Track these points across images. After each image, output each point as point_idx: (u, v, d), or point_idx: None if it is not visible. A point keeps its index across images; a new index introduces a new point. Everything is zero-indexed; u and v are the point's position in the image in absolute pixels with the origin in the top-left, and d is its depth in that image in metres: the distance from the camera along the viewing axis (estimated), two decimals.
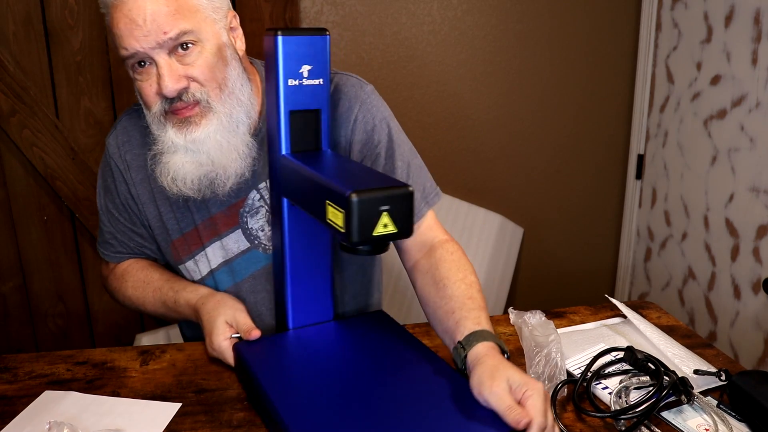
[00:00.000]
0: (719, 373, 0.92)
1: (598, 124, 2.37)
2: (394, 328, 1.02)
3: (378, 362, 0.91)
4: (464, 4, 2.14)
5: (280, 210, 0.94)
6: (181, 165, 0.98)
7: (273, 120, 0.92)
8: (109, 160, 1.14)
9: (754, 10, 1.79)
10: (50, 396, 0.94)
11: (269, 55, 0.89)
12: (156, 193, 1.11)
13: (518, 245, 2.34)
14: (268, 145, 0.95)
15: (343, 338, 0.99)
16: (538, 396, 0.77)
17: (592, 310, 1.23)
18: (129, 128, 1.13)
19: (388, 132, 1.09)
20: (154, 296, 1.13)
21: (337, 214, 0.73)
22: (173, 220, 1.12)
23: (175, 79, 0.93)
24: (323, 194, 0.76)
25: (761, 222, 1.81)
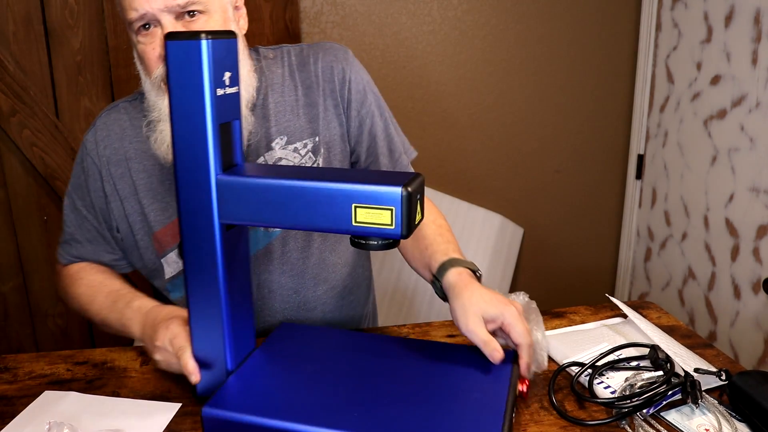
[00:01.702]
0: (719, 372, 0.92)
1: (599, 124, 2.37)
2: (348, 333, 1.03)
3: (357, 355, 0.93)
4: (464, 4, 2.14)
5: (211, 239, 0.81)
6: None
7: (195, 137, 0.78)
8: (85, 158, 1.13)
9: (754, 10, 1.79)
10: (50, 396, 0.94)
11: (181, 63, 0.76)
12: (138, 185, 1.11)
13: (518, 245, 2.35)
14: (178, 165, 0.80)
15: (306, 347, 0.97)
16: (516, 322, 0.89)
17: (593, 309, 1.23)
18: (109, 123, 1.13)
19: (375, 94, 1.19)
20: (107, 296, 1.07)
21: (381, 213, 0.76)
22: (156, 211, 1.11)
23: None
24: (346, 200, 0.76)
25: (761, 222, 1.81)
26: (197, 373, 0.86)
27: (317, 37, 2.06)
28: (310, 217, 0.77)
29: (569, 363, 1.00)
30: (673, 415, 0.88)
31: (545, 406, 0.91)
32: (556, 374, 0.96)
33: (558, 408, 0.89)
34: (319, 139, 1.13)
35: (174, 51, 0.75)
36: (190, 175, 0.79)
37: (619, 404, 0.86)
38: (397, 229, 0.76)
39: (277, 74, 1.13)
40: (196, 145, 0.78)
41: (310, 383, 0.85)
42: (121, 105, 1.14)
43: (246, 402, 0.80)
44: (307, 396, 0.82)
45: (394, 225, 0.76)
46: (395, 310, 2.13)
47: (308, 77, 1.13)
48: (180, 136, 0.78)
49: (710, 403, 0.88)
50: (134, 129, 1.11)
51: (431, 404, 0.82)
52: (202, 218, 0.80)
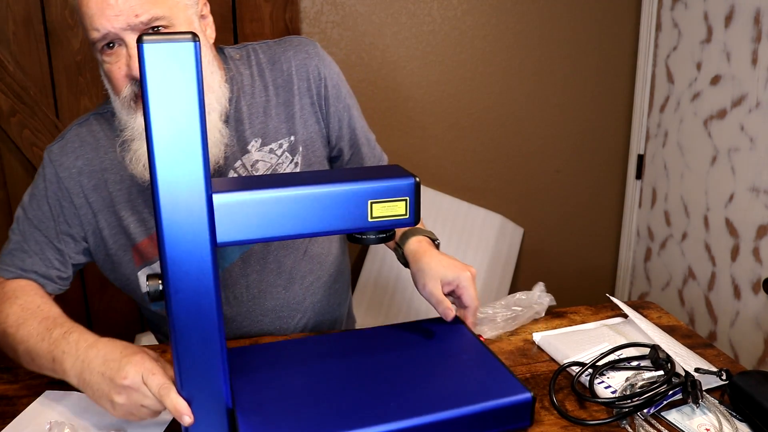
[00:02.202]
0: (720, 372, 0.92)
1: (599, 124, 2.37)
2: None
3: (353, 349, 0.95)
4: (464, 4, 2.14)
5: (207, 265, 0.72)
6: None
7: (186, 152, 0.68)
8: (48, 167, 1.07)
9: (754, 10, 1.79)
10: (51, 396, 0.94)
11: (164, 68, 0.66)
12: (115, 197, 1.07)
13: (518, 245, 2.35)
14: (161, 183, 0.69)
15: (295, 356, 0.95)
16: (469, 285, 1.01)
17: (593, 309, 1.23)
18: (82, 134, 1.08)
19: (346, 86, 1.18)
20: (42, 323, 0.93)
21: (396, 205, 0.78)
22: (136, 222, 1.08)
23: None
24: (363, 197, 0.76)
25: (761, 222, 1.81)
26: (190, 412, 0.76)
27: (317, 38, 2.06)
28: (327, 221, 0.76)
29: (570, 363, 1.00)
30: (674, 415, 0.88)
31: (546, 406, 0.91)
32: (556, 374, 0.96)
33: (559, 408, 0.89)
34: (296, 139, 1.12)
35: (155, 54, 0.64)
36: (181, 198, 0.69)
37: (620, 404, 0.86)
38: (410, 217, 0.80)
39: (246, 75, 1.11)
40: (188, 162, 0.68)
41: (319, 393, 0.84)
42: (92, 117, 1.10)
43: (279, 428, 0.77)
44: (330, 405, 0.81)
45: (408, 214, 0.80)
46: (395, 310, 2.14)
47: (280, 76, 1.12)
48: (165, 151, 0.67)
49: (711, 403, 0.88)
50: (108, 140, 1.07)
51: (440, 377, 0.87)
52: (193, 243, 0.70)
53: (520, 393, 0.83)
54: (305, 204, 0.74)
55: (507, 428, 0.83)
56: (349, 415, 0.78)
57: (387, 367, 0.89)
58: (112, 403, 0.82)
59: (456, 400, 0.81)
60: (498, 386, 0.85)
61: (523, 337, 1.12)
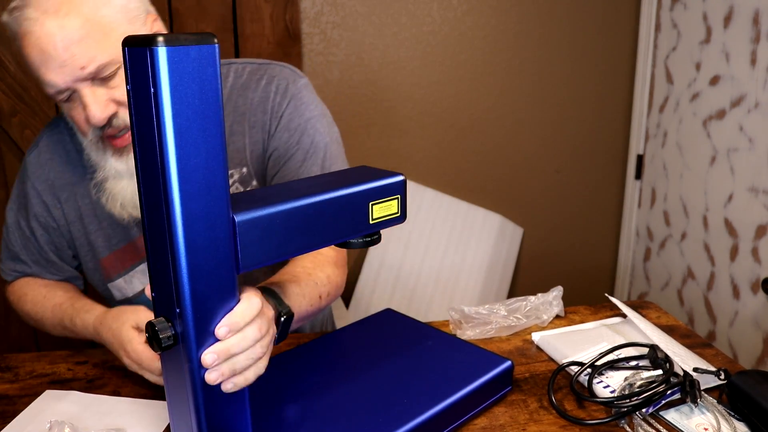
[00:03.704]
0: (718, 372, 0.92)
1: (598, 124, 2.37)
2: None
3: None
4: (464, 4, 2.14)
5: (230, 292, 0.64)
6: (130, 190, 0.95)
7: (208, 172, 0.60)
8: (26, 181, 1.08)
9: (753, 11, 1.80)
10: (51, 395, 0.95)
11: (180, 76, 0.56)
12: (83, 210, 1.07)
13: (518, 245, 2.35)
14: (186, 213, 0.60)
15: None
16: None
17: (592, 309, 1.23)
18: (52, 145, 1.08)
19: (313, 135, 1.04)
20: (54, 313, 1.04)
21: (390, 205, 0.78)
22: (101, 238, 1.07)
23: (102, 107, 0.89)
24: (364, 201, 0.74)
25: (760, 222, 1.81)
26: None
27: (317, 38, 2.06)
28: (332, 230, 0.71)
29: (569, 362, 1.00)
30: (672, 415, 0.88)
31: (545, 406, 0.91)
32: (555, 374, 0.96)
33: (557, 407, 0.90)
34: (248, 171, 1.05)
35: (170, 61, 0.55)
36: (201, 227, 0.60)
37: (619, 403, 0.86)
38: (402, 215, 0.79)
39: None
40: (211, 185, 0.60)
41: (321, 403, 0.84)
42: (63, 126, 1.08)
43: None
44: (339, 413, 0.81)
45: (400, 212, 0.79)
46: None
47: (244, 103, 1.04)
48: (190, 178, 0.58)
49: (709, 403, 0.89)
50: (77, 153, 1.05)
51: (423, 370, 0.89)
52: (215, 276, 0.62)
53: (501, 363, 0.91)
54: (313, 215, 0.68)
55: (492, 399, 0.90)
56: (366, 428, 0.78)
57: (370, 373, 0.89)
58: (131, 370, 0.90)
59: (449, 388, 0.84)
60: (478, 362, 0.91)
61: (522, 337, 1.12)
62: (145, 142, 0.59)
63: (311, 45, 2.07)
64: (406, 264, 2.18)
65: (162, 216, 0.59)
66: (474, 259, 2.21)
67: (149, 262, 0.64)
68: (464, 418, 0.86)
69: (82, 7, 0.85)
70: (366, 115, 2.15)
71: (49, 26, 0.85)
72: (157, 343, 0.62)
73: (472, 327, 1.12)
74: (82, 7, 0.85)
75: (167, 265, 0.60)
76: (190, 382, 0.64)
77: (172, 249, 0.59)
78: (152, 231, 0.62)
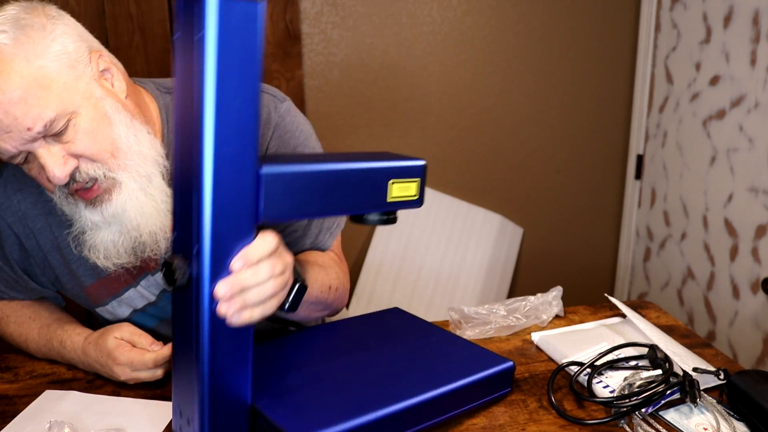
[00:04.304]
0: (718, 372, 0.92)
1: (598, 124, 2.37)
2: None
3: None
4: (464, 4, 2.14)
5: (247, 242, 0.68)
6: (110, 240, 0.90)
7: (241, 124, 0.64)
8: None
9: (753, 11, 1.80)
10: (51, 395, 0.95)
11: (233, 30, 0.61)
12: (61, 240, 1.00)
13: (518, 245, 2.35)
14: (217, 159, 0.64)
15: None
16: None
17: (592, 309, 1.23)
18: (18, 175, 0.99)
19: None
20: (40, 335, 1.01)
21: (410, 186, 0.80)
22: (85, 267, 1.01)
23: (60, 164, 0.82)
24: (384, 178, 0.77)
25: (760, 222, 1.81)
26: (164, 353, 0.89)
27: (317, 38, 2.07)
28: (350, 200, 0.74)
29: (568, 362, 1.00)
30: (672, 415, 0.88)
31: (544, 406, 0.91)
32: (555, 374, 0.97)
33: (557, 407, 0.90)
34: None
35: (226, 12, 0.60)
36: (228, 171, 0.64)
37: (618, 403, 0.86)
38: (419, 199, 0.81)
39: None
40: (243, 134, 0.64)
41: (324, 385, 0.84)
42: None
43: (315, 416, 0.75)
44: (342, 390, 0.82)
45: (418, 195, 0.81)
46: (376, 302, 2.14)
47: None
48: (224, 123, 0.62)
49: (709, 403, 0.89)
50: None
51: (427, 359, 0.91)
52: (236, 221, 0.66)
53: (502, 363, 0.91)
54: (334, 181, 0.72)
55: (491, 397, 0.91)
56: (364, 401, 0.79)
57: (374, 357, 0.92)
58: (126, 381, 0.93)
59: (449, 377, 0.86)
60: (481, 360, 0.92)
61: (522, 337, 1.12)
62: (185, 84, 0.63)
63: (311, 45, 2.07)
64: (406, 264, 2.18)
65: (193, 156, 0.63)
66: (474, 259, 2.21)
67: (174, 201, 0.69)
68: (461, 409, 0.86)
69: (13, 65, 0.78)
70: (366, 115, 2.15)
71: None
72: (172, 278, 0.66)
73: (472, 327, 1.12)
74: (14, 65, 0.78)
75: (190, 204, 0.65)
76: (198, 321, 0.66)
77: (199, 188, 0.63)
78: (182, 170, 0.67)
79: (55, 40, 0.82)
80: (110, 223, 0.89)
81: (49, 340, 1.01)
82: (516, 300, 1.17)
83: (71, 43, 0.83)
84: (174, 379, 0.75)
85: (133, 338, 0.94)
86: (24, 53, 0.79)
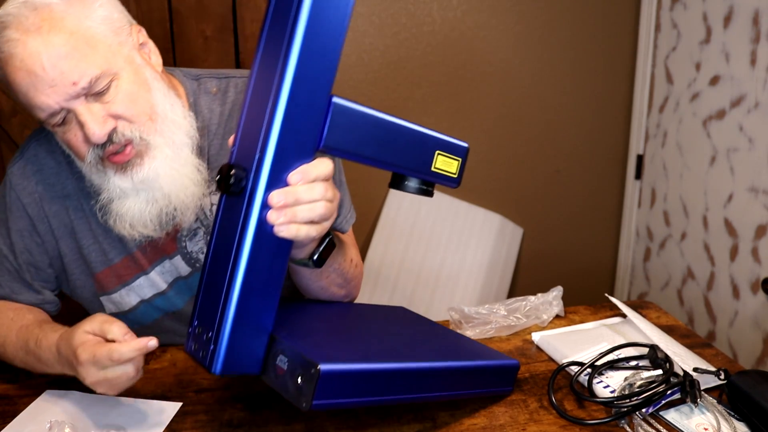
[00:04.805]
0: (718, 372, 0.92)
1: (598, 124, 2.37)
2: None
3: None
4: (464, 4, 2.14)
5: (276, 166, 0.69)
6: (137, 208, 0.91)
7: (326, 50, 0.70)
8: (9, 193, 1.01)
9: (753, 11, 1.80)
10: (51, 395, 0.94)
11: None
12: (76, 224, 1.01)
13: (518, 245, 2.35)
14: (295, 82, 0.69)
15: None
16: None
17: (592, 309, 1.23)
18: (40, 155, 1.01)
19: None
20: (18, 336, 0.95)
21: (452, 163, 0.84)
22: (97, 252, 1.02)
23: (100, 122, 0.85)
24: (433, 146, 0.81)
25: (760, 222, 1.81)
26: (145, 340, 0.78)
27: None
28: (402, 157, 0.78)
29: (568, 362, 1.00)
30: (672, 415, 0.88)
31: (545, 406, 0.91)
32: (555, 374, 0.97)
33: (557, 407, 0.90)
34: None
35: None
36: (304, 93, 0.68)
37: (619, 403, 0.86)
38: (458, 178, 0.85)
39: (216, 113, 1.02)
40: (325, 59, 0.69)
41: (345, 334, 0.88)
42: (52, 135, 0.99)
43: (342, 354, 0.75)
44: (359, 341, 0.85)
45: (457, 174, 0.85)
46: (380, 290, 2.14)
47: None
48: (312, 39, 0.67)
49: (709, 403, 0.89)
50: (69, 164, 0.99)
51: (436, 339, 0.95)
52: (301, 138, 0.70)
53: (507, 360, 0.94)
54: (391, 133, 0.76)
55: (494, 390, 0.92)
56: (379, 353, 0.81)
57: (389, 327, 0.96)
58: (94, 386, 0.83)
59: (459, 356, 0.89)
60: (488, 353, 0.95)
61: (522, 337, 1.12)
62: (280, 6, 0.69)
63: None
64: (406, 264, 2.18)
65: (277, 69, 0.68)
66: (474, 259, 2.21)
67: (243, 113, 0.73)
68: (464, 392, 0.87)
69: (64, 22, 0.82)
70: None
71: (33, 45, 0.81)
72: (227, 183, 0.69)
73: (472, 327, 1.12)
74: (65, 22, 0.82)
75: (263, 115, 0.69)
76: (244, 229, 0.69)
77: (276, 100, 0.67)
78: (257, 87, 0.71)
79: (102, 6, 0.87)
80: (139, 190, 0.90)
81: (26, 341, 0.94)
82: (516, 300, 1.17)
83: (116, 12, 0.89)
84: (201, 295, 0.75)
85: (104, 327, 0.82)
86: (74, 12, 0.83)
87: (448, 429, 0.86)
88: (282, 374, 0.71)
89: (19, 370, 1.01)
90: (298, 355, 0.70)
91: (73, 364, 0.83)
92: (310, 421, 0.88)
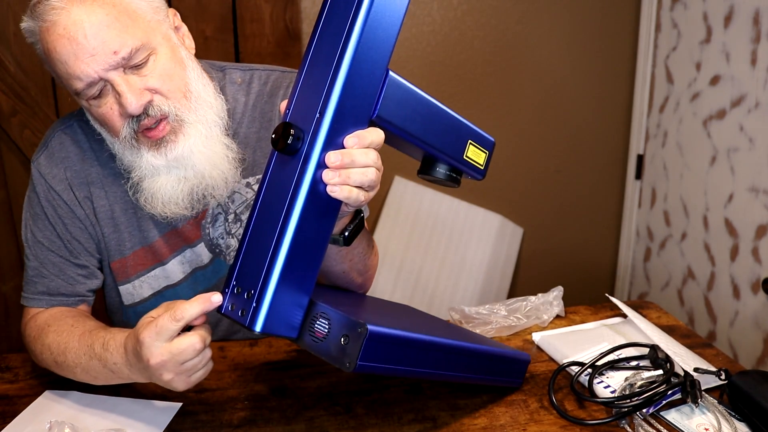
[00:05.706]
0: (719, 372, 0.92)
1: (598, 124, 2.37)
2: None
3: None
4: (464, 4, 2.14)
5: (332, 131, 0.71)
6: (169, 186, 0.92)
7: (387, 25, 0.73)
8: (40, 183, 1.01)
9: (753, 11, 1.80)
10: (51, 396, 0.95)
11: None
12: (98, 211, 1.02)
13: (518, 245, 2.35)
14: (357, 52, 0.71)
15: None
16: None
17: (592, 309, 1.23)
18: (66, 143, 1.02)
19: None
20: (81, 341, 0.91)
21: (480, 154, 0.89)
22: (114, 241, 1.03)
23: (138, 94, 0.86)
24: (467, 135, 0.86)
25: (760, 222, 1.81)
26: (208, 296, 0.75)
27: None
28: (440, 140, 0.81)
29: (569, 363, 1.00)
30: (673, 415, 0.88)
31: (545, 406, 0.91)
32: (556, 374, 0.96)
33: (558, 407, 0.90)
34: None
35: None
36: (365, 61, 0.71)
37: (619, 404, 0.86)
38: (484, 170, 0.90)
39: (240, 103, 1.05)
40: (387, 30, 0.73)
41: (376, 307, 0.92)
42: (77, 124, 1.03)
43: (384, 321, 0.76)
44: (390, 314, 0.88)
45: (484, 166, 0.90)
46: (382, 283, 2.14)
47: (271, 110, 1.05)
48: (374, 16, 0.71)
49: (710, 403, 0.89)
50: (93, 152, 1.02)
51: (463, 332, 0.99)
52: (358, 104, 0.73)
53: (521, 353, 0.96)
54: (435, 114, 0.80)
55: (507, 379, 0.93)
56: (420, 326, 0.84)
57: (412, 310, 1.01)
58: (169, 383, 0.79)
59: (476, 341, 0.90)
60: (502, 345, 0.97)
61: (523, 337, 1.12)
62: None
63: None
64: (406, 264, 2.18)
65: (342, 38, 0.70)
66: (474, 259, 2.21)
67: (299, 78, 0.75)
68: (480, 377, 0.88)
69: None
70: None
71: (76, 14, 0.83)
72: (285, 139, 0.70)
73: (473, 327, 1.12)
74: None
75: (324, 79, 0.71)
76: (297, 187, 0.71)
77: (338, 66, 0.70)
78: (316, 54, 0.73)
79: None
80: (171, 168, 0.92)
81: (91, 345, 0.89)
82: (517, 300, 1.17)
83: None
84: (242, 254, 0.74)
85: (168, 306, 0.80)
86: None
87: (448, 429, 0.86)
88: (321, 337, 0.72)
89: (20, 369, 1.01)
90: (342, 317, 0.71)
91: (138, 352, 0.78)
92: (310, 421, 0.88)
